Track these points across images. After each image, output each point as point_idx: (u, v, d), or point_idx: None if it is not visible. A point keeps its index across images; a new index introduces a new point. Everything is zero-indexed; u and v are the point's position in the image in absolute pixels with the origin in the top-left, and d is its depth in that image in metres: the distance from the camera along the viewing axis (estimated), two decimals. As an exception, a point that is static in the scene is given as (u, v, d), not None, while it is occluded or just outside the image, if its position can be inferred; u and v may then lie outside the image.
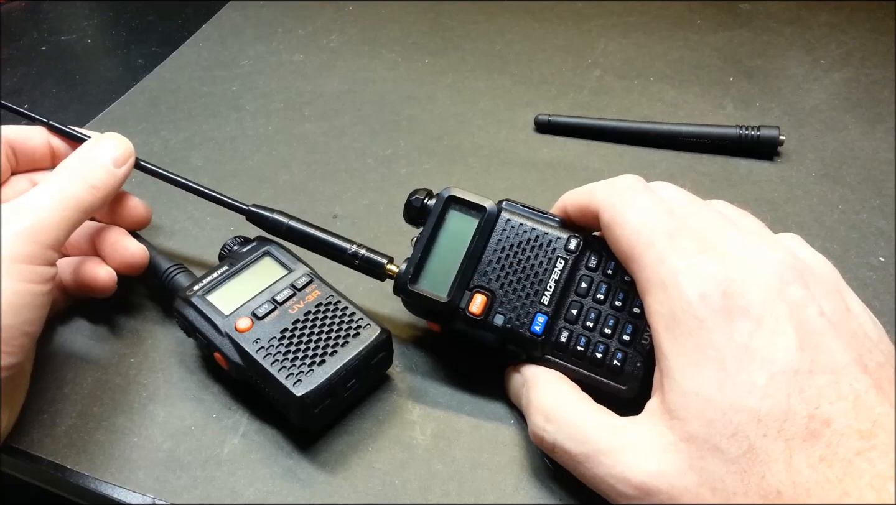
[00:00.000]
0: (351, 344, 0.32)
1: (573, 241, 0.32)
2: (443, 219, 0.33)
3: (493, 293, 0.32)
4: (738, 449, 0.24)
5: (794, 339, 0.25)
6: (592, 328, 0.31)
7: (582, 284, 0.32)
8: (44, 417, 0.34)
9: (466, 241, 0.32)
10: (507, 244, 0.32)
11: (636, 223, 0.29)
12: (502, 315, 0.32)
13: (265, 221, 0.37)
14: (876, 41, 0.58)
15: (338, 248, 0.35)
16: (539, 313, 0.31)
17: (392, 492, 0.31)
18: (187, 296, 0.34)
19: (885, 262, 0.40)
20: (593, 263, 0.32)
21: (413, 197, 0.34)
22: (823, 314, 0.26)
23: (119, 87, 0.56)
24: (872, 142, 0.48)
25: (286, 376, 0.31)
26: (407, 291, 0.33)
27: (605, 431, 0.28)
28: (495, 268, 0.32)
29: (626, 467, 0.26)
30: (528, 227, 0.33)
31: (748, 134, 0.47)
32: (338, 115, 0.53)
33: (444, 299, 0.32)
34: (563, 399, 0.30)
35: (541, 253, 0.32)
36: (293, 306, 0.33)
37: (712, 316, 0.26)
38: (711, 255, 0.27)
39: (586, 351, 0.31)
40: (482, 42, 0.60)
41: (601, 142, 0.50)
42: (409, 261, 0.33)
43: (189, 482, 0.31)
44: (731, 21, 0.62)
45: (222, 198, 0.38)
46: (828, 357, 0.25)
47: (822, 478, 0.23)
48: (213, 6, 0.67)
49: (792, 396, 0.24)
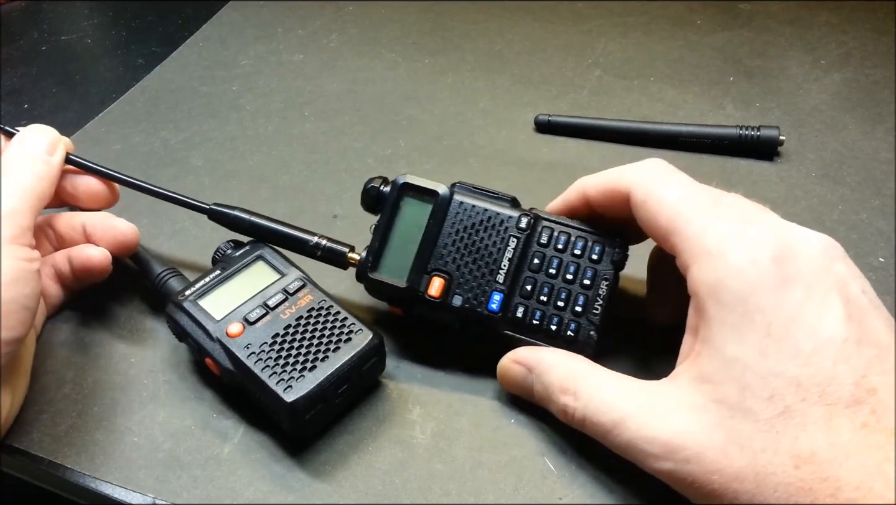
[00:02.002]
0: (343, 349, 0.32)
1: (524, 219, 0.33)
2: (398, 206, 0.34)
3: (451, 275, 0.33)
4: (773, 411, 0.24)
5: (843, 310, 0.25)
6: (546, 302, 0.32)
7: (534, 261, 0.33)
8: (44, 417, 0.34)
9: (422, 227, 0.34)
10: (461, 226, 0.33)
11: (676, 197, 0.29)
12: (460, 296, 0.33)
13: (227, 219, 0.37)
14: (876, 41, 0.58)
15: (299, 241, 0.36)
16: (495, 291, 0.33)
17: (392, 492, 0.31)
18: (179, 301, 0.34)
19: (885, 262, 0.40)
20: (545, 239, 0.33)
21: (369, 185, 0.35)
22: (865, 293, 0.26)
23: (119, 87, 0.56)
24: (872, 142, 0.48)
25: (277, 382, 0.30)
26: (367, 278, 0.34)
27: (632, 395, 0.28)
28: (451, 250, 0.33)
29: (653, 427, 0.26)
30: (479, 208, 0.34)
31: (748, 134, 0.47)
32: (338, 115, 0.53)
33: (403, 285, 0.33)
34: (583, 373, 0.30)
35: (493, 233, 0.33)
36: (285, 311, 0.33)
37: (763, 281, 0.26)
38: (757, 224, 0.27)
39: (541, 324, 0.32)
40: (482, 42, 0.60)
41: (601, 142, 0.49)
42: (367, 249, 0.34)
43: (189, 482, 0.31)
44: (731, 21, 0.62)
45: (181, 198, 0.38)
46: (874, 332, 0.25)
47: (864, 442, 0.23)
48: (213, 6, 0.67)
49: (838, 364, 0.24)
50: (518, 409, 0.33)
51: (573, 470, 0.31)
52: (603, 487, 0.30)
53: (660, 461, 0.26)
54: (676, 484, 0.26)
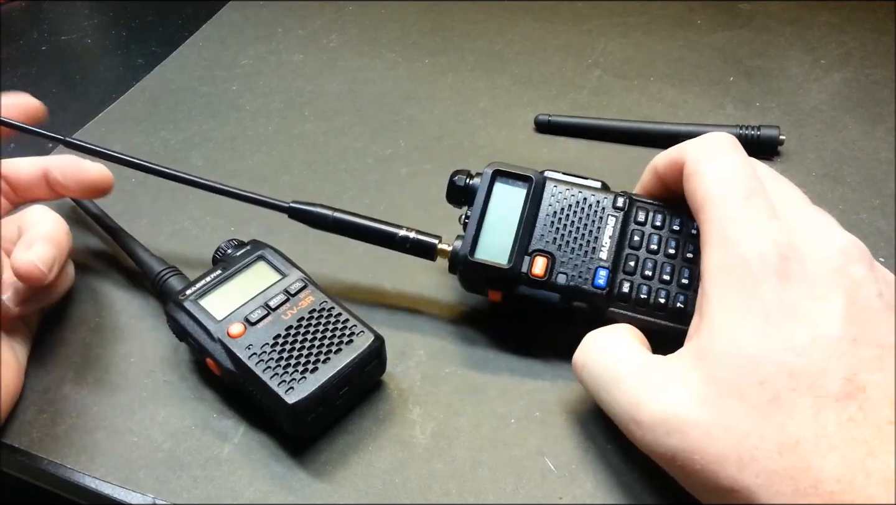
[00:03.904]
0: (344, 351, 0.32)
1: (620, 199, 0.34)
2: (491, 192, 0.35)
3: (553, 255, 0.33)
4: (762, 397, 0.24)
5: (843, 309, 0.25)
6: (651, 277, 0.33)
7: (635, 238, 0.34)
8: (44, 417, 0.34)
9: (518, 211, 0.34)
10: (559, 208, 0.34)
11: (716, 177, 0.29)
12: (564, 274, 0.33)
13: (309, 216, 0.37)
14: (876, 41, 0.58)
15: (387, 234, 0.36)
16: (600, 268, 0.33)
17: (392, 491, 0.31)
18: (180, 300, 0.34)
19: (885, 262, 0.40)
20: (641, 217, 0.34)
21: (455, 176, 0.36)
22: (882, 296, 0.26)
23: (119, 87, 0.56)
24: (872, 142, 0.48)
25: (278, 383, 0.30)
26: (467, 262, 0.34)
27: (635, 361, 0.29)
28: (550, 231, 0.34)
29: (642, 393, 0.27)
30: (574, 191, 0.34)
31: (748, 134, 0.47)
32: (338, 115, 0.53)
33: (507, 265, 0.33)
34: (612, 333, 0.31)
35: (591, 213, 0.34)
36: (286, 312, 0.33)
37: (767, 273, 0.26)
38: (780, 223, 0.27)
39: (649, 298, 0.32)
40: (482, 42, 0.60)
41: (601, 142, 0.49)
42: (464, 236, 0.34)
43: (189, 482, 0.31)
44: (731, 21, 0.62)
45: (260, 198, 0.37)
46: (876, 333, 0.25)
47: (849, 436, 0.23)
48: (213, 6, 0.67)
49: (831, 359, 0.24)
50: (518, 409, 0.33)
51: (573, 470, 0.31)
52: (603, 487, 0.30)
53: (643, 429, 0.27)
54: (656, 457, 0.27)
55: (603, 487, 0.30)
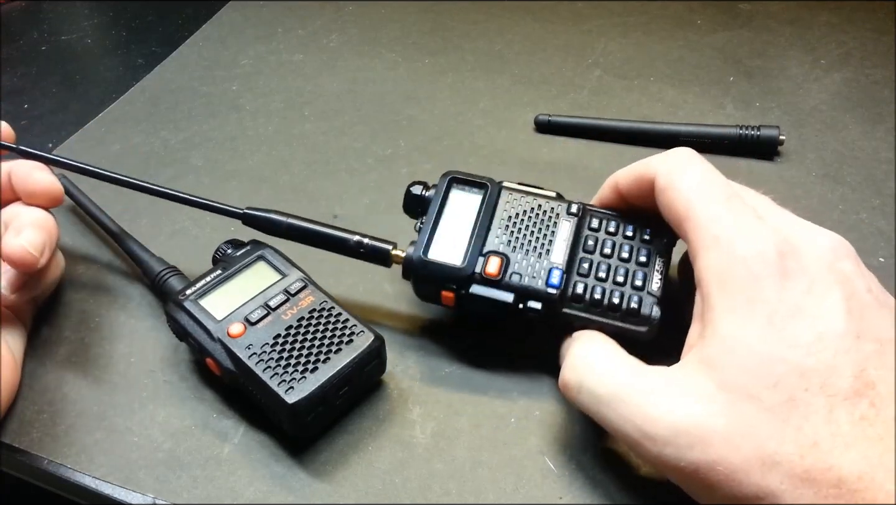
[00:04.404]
0: (344, 351, 0.32)
1: (574, 206, 0.35)
2: (447, 198, 0.35)
3: (507, 256, 0.33)
4: (778, 399, 0.24)
5: (843, 305, 0.25)
6: (605, 278, 0.33)
7: (588, 242, 0.34)
8: (44, 417, 0.34)
9: (473, 215, 0.34)
10: (514, 213, 0.35)
11: (694, 184, 0.29)
12: (518, 274, 0.33)
13: (262, 222, 0.36)
14: (876, 41, 0.58)
15: (339, 240, 0.36)
16: (554, 268, 0.33)
17: (392, 491, 0.31)
18: (180, 300, 0.34)
19: (885, 262, 0.40)
20: (595, 224, 0.34)
21: (413, 186, 0.36)
22: (871, 291, 0.26)
23: (119, 87, 0.56)
24: (872, 142, 0.48)
25: (278, 383, 0.30)
26: (422, 262, 0.34)
27: (635, 373, 0.28)
28: (505, 233, 0.34)
29: (655, 409, 0.26)
30: (529, 198, 0.35)
31: (748, 134, 0.47)
32: (338, 115, 0.53)
33: (461, 264, 0.33)
34: (595, 346, 0.30)
35: (545, 218, 0.34)
36: (286, 312, 0.33)
37: (767, 272, 0.26)
38: (767, 223, 0.27)
39: (602, 299, 0.32)
40: (482, 42, 0.60)
41: (601, 142, 0.49)
42: (417, 240, 0.34)
43: (189, 482, 0.31)
44: (731, 21, 0.62)
45: (213, 204, 0.37)
46: (875, 328, 0.25)
47: (863, 434, 0.23)
48: (213, 6, 0.67)
49: (838, 356, 0.24)
50: (518, 409, 0.33)
51: (573, 470, 0.31)
52: (603, 486, 0.30)
53: (659, 445, 0.25)
54: (675, 472, 0.26)
55: (603, 487, 0.30)
